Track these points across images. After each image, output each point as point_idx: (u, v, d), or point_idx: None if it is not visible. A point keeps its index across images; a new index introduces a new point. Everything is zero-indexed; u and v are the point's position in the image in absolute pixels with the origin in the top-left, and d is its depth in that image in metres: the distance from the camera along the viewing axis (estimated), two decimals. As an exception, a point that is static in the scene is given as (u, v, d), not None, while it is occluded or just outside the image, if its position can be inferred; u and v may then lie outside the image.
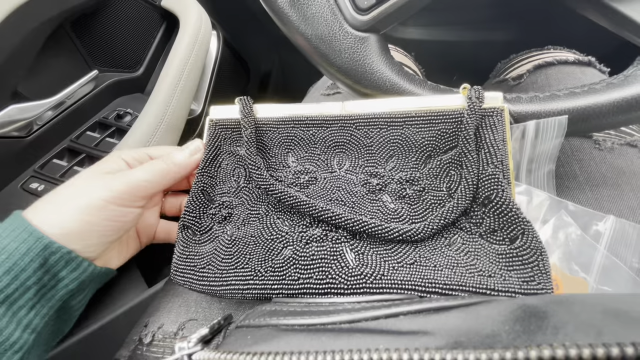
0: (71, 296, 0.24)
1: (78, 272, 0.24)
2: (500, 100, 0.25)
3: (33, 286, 0.22)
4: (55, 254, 0.23)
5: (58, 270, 0.23)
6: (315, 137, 0.29)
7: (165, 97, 0.48)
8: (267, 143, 0.30)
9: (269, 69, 0.97)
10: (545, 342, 0.11)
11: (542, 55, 0.47)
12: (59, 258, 0.23)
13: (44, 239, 0.22)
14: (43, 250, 0.22)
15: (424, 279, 0.22)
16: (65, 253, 0.23)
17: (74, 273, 0.24)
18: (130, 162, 0.29)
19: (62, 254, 0.23)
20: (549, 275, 0.21)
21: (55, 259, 0.23)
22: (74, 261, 0.24)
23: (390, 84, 0.30)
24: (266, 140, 0.30)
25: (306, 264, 0.24)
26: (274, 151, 0.30)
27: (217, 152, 0.31)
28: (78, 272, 0.24)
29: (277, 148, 0.30)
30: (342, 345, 0.14)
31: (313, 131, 0.29)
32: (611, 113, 0.27)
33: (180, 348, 0.16)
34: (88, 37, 0.50)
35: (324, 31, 0.30)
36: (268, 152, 0.30)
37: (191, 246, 0.29)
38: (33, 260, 0.21)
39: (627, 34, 0.28)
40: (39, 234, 0.22)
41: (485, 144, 0.24)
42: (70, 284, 0.24)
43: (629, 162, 0.36)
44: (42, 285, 0.22)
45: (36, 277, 0.22)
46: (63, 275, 0.23)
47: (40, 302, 0.22)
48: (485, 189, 0.23)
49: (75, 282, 0.24)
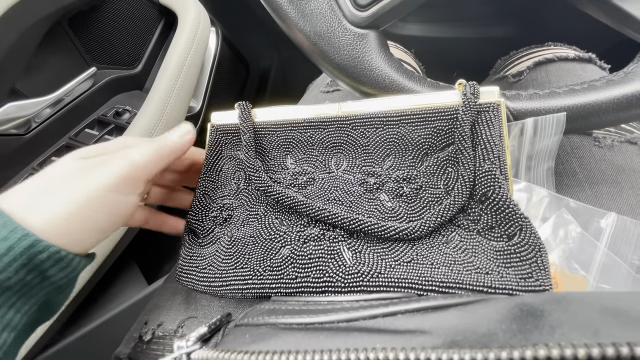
0: (57, 291, 0.22)
1: (68, 271, 0.22)
2: (497, 95, 0.25)
3: (14, 286, 0.19)
4: (43, 253, 0.20)
5: (45, 269, 0.21)
6: (313, 139, 0.29)
7: (165, 95, 0.48)
8: (266, 146, 0.31)
9: (268, 66, 0.97)
10: (541, 342, 0.11)
11: (542, 52, 0.47)
12: (47, 258, 0.20)
13: (30, 236, 0.20)
14: (28, 249, 0.19)
15: (422, 277, 0.22)
16: (54, 252, 0.20)
17: (64, 272, 0.22)
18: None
19: (50, 253, 0.20)
20: (547, 272, 0.21)
21: (42, 259, 0.20)
22: (64, 260, 0.21)
23: (390, 81, 0.30)
24: (265, 144, 0.30)
25: (304, 263, 0.25)
26: (273, 154, 0.30)
27: (219, 157, 0.31)
28: (68, 270, 0.22)
29: (276, 151, 0.30)
30: (340, 344, 0.14)
31: (311, 133, 0.29)
32: (611, 111, 0.27)
33: (180, 347, 0.16)
34: (86, 35, 0.50)
35: (323, 28, 0.30)
36: (267, 155, 0.31)
37: (195, 249, 0.29)
38: (15, 259, 0.19)
39: (628, 30, 0.28)
40: (23, 231, 0.19)
41: (481, 140, 0.24)
42: (59, 282, 0.22)
43: (628, 159, 0.35)
44: (24, 284, 0.20)
45: (18, 278, 0.19)
46: (51, 274, 0.21)
47: (22, 300, 0.20)
48: (482, 186, 0.23)
49: (65, 279, 0.22)
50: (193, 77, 0.53)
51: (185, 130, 0.29)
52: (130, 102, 0.54)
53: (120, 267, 0.55)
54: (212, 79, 0.62)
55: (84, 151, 0.25)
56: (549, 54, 0.46)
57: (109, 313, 0.50)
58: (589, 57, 0.44)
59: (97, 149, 0.26)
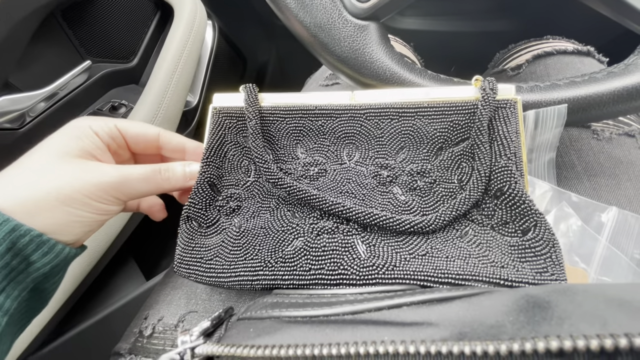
0: (45, 278, 0.23)
1: (51, 257, 0.22)
2: (513, 92, 0.25)
3: (1, 270, 0.20)
4: (24, 237, 0.21)
5: (28, 253, 0.21)
6: (324, 128, 0.28)
7: (161, 89, 0.47)
8: (274, 134, 0.29)
9: (266, 60, 0.96)
10: (551, 333, 0.11)
11: (541, 45, 0.47)
12: (28, 241, 0.21)
13: (10, 221, 0.20)
14: (9, 233, 0.20)
15: (437, 270, 0.22)
16: (36, 236, 0.21)
17: (47, 257, 0.22)
18: (103, 137, 0.26)
19: (31, 237, 0.21)
20: (562, 267, 0.21)
21: (24, 242, 0.21)
22: (45, 244, 0.22)
23: (390, 73, 0.30)
24: (273, 131, 0.29)
25: (318, 255, 0.24)
26: (282, 142, 0.29)
27: (222, 142, 0.30)
28: (51, 256, 0.22)
29: (286, 139, 0.29)
30: (347, 337, 0.14)
31: (322, 121, 0.28)
32: (612, 102, 0.27)
33: (183, 342, 0.16)
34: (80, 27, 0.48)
35: (322, 19, 0.30)
36: (276, 143, 0.29)
37: (196, 238, 0.28)
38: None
39: (628, 22, 0.28)
40: (3, 216, 0.20)
41: (498, 136, 0.24)
42: (42, 268, 0.22)
43: (626, 152, 0.36)
44: (11, 269, 0.21)
45: (4, 262, 0.20)
46: (35, 258, 0.21)
47: (11, 284, 0.21)
48: (497, 181, 0.23)
49: (48, 266, 0.22)
50: (190, 70, 0.52)
51: (191, 171, 0.28)
52: (126, 95, 0.53)
53: (118, 263, 0.54)
54: (209, 73, 0.61)
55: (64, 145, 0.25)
56: (547, 46, 0.46)
57: (107, 309, 0.50)
58: (587, 50, 0.44)
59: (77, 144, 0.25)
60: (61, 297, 0.43)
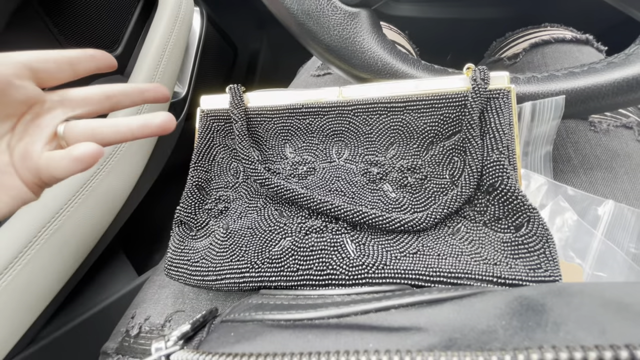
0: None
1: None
2: (507, 80, 0.24)
3: None
4: None
5: None
6: (312, 126, 0.28)
7: (146, 79, 0.45)
8: (262, 134, 0.29)
9: (257, 48, 0.93)
10: (546, 341, 0.11)
11: (539, 33, 0.46)
12: None
13: None
14: None
15: (428, 268, 0.22)
16: None
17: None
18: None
19: None
20: (556, 263, 0.20)
21: None
22: None
23: (382, 64, 0.29)
24: (261, 132, 0.29)
25: (306, 255, 0.24)
26: (271, 142, 0.29)
27: (211, 145, 0.29)
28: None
29: (274, 139, 0.29)
30: (329, 344, 0.13)
31: (310, 120, 0.28)
32: (611, 94, 0.26)
33: (157, 349, 0.15)
34: (58, 14, 0.46)
35: (311, 6, 0.28)
36: (264, 144, 0.29)
37: (187, 241, 0.28)
38: None
39: (630, 9, 0.27)
40: None
41: (490, 129, 0.23)
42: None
43: (623, 144, 0.35)
44: None
45: None
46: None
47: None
48: (489, 176, 0.22)
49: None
50: (176, 59, 0.50)
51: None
52: (111, 86, 0.52)
53: (108, 258, 0.53)
54: (198, 62, 0.59)
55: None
56: (545, 35, 0.45)
57: (96, 306, 0.49)
58: (585, 39, 0.43)
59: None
60: (48, 294, 0.42)
